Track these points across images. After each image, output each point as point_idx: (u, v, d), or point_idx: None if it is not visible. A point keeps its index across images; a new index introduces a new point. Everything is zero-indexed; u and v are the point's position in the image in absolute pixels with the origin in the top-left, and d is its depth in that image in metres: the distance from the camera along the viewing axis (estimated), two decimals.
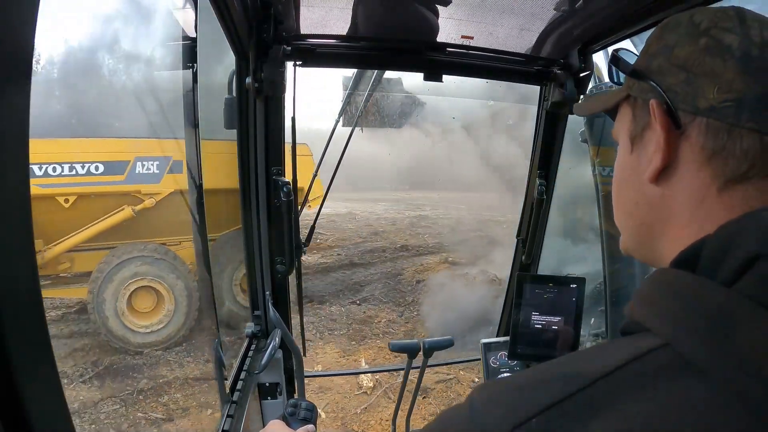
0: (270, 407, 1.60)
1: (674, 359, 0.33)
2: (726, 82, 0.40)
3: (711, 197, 0.42)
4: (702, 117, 0.42)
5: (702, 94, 0.42)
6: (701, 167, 0.42)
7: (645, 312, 0.37)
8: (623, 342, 0.37)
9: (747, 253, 0.33)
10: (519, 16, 1.28)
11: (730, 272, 0.34)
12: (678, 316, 0.34)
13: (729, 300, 0.32)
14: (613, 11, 1.21)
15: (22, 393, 0.34)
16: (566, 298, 1.52)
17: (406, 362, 1.65)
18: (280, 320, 1.50)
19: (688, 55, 0.43)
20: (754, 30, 0.41)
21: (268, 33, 1.23)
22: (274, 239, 1.50)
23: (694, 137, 0.42)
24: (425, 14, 1.25)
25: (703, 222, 0.42)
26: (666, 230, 0.46)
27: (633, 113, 0.48)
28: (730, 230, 0.37)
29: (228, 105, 1.38)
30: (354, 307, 7.81)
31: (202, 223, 1.16)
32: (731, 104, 0.40)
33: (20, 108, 0.34)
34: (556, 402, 0.33)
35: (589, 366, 0.35)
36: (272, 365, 1.52)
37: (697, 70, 0.42)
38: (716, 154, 0.41)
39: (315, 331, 6.94)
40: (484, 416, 0.36)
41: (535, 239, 1.76)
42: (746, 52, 0.40)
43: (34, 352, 0.37)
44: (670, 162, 0.44)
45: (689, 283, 0.35)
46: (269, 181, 1.45)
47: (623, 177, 0.51)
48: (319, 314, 7.54)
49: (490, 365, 1.68)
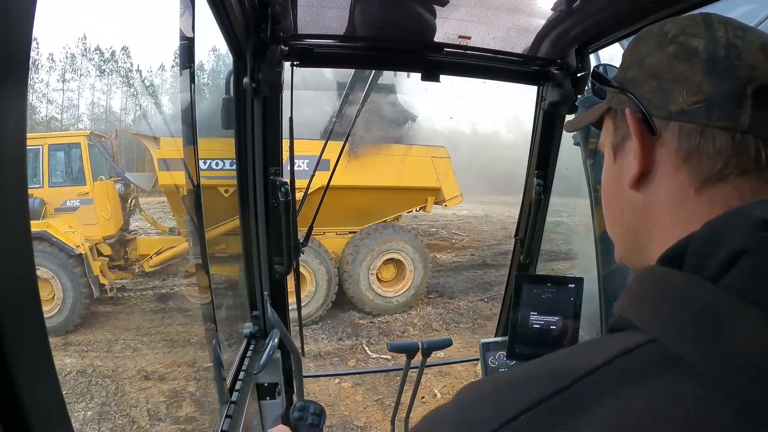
0: (269, 407, 1.60)
1: (662, 355, 0.33)
2: (694, 85, 0.42)
3: (690, 198, 0.43)
4: (675, 121, 0.43)
5: (673, 98, 0.43)
6: (677, 170, 0.44)
7: (633, 309, 0.38)
8: (611, 339, 0.37)
9: (732, 248, 0.33)
10: (516, 16, 1.28)
11: (716, 268, 0.34)
12: (665, 313, 0.34)
13: (716, 296, 0.32)
14: (610, 12, 1.21)
15: (21, 393, 0.34)
16: (565, 298, 1.52)
17: (405, 362, 1.65)
18: (279, 320, 1.50)
19: (658, 63, 0.45)
20: (719, 32, 0.43)
21: (265, 33, 1.23)
22: (273, 239, 1.50)
23: (668, 141, 0.44)
24: (423, 14, 1.26)
25: (686, 223, 0.43)
26: (651, 235, 0.47)
27: (614, 125, 0.50)
28: (715, 226, 0.37)
29: (226, 105, 1.38)
30: (481, 304, 8.33)
31: (200, 222, 1.16)
32: (701, 105, 0.42)
33: (17, 108, 0.34)
34: (543, 398, 0.33)
35: (576, 362, 0.35)
36: (271, 365, 1.52)
37: (667, 76, 0.44)
38: (691, 156, 0.42)
39: (441, 322, 7.66)
40: (472, 414, 0.35)
41: (534, 239, 1.76)
42: (712, 54, 0.42)
43: (33, 351, 0.37)
44: (649, 167, 0.46)
45: (676, 279, 0.36)
46: (267, 182, 1.45)
47: (608, 187, 0.52)
48: (448, 308, 8.18)
49: (488, 365, 1.68)
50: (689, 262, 0.36)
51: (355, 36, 1.37)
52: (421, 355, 1.65)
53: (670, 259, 0.38)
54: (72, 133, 9.22)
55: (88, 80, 30.10)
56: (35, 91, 28.74)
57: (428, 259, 8.29)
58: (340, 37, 1.38)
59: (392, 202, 8.00)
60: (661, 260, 0.39)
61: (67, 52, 29.69)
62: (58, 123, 28.84)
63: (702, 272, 0.35)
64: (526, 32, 1.37)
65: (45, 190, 7.29)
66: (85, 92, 30.48)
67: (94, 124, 29.74)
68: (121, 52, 29.61)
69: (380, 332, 7.26)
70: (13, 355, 0.33)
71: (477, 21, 1.30)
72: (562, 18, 1.28)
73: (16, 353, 0.34)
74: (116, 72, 30.60)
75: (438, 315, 7.90)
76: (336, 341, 6.89)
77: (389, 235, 7.81)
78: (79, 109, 30.69)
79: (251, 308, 1.60)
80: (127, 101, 30.95)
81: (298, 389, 1.61)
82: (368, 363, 6.19)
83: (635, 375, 0.32)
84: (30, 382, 0.36)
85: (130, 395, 5.48)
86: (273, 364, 1.55)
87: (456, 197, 8.31)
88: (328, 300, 7.38)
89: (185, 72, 1.03)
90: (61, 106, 30.01)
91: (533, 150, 1.72)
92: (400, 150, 7.88)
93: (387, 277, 7.95)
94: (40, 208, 7.19)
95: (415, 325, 7.59)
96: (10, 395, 0.34)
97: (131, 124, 19.02)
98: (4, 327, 0.33)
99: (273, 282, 1.55)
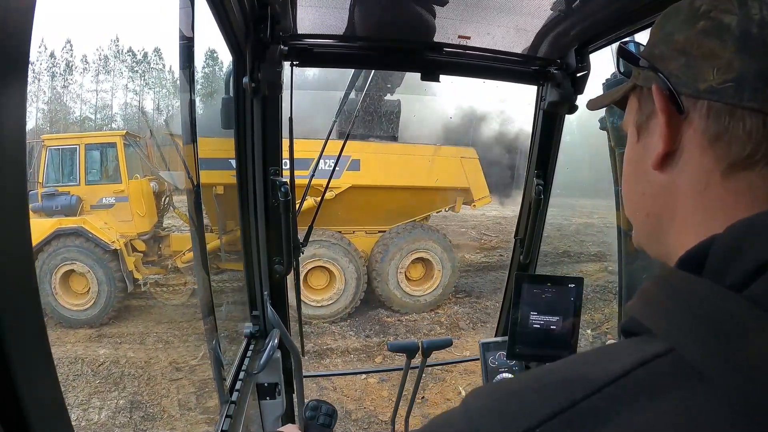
0: (269, 407, 1.60)
1: (680, 366, 0.31)
2: (725, 63, 0.40)
3: (715, 183, 0.41)
4: (703, 100, 0.41)
5: (702, 76, 0.41)
6: (704, 151, 0.41)
7: (650, 314, 0.36)
8: (627, 345, 0.36)
9: (758, 258, 0.32)
10: (516, 16, 1.28)
11: (739, 277, 0.32)
12: (684, 321, 0.33)
13: (738, 307, 0.31)
14: (610, 11, 1.21)
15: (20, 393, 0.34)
16: (564, 298, 1.52)
17: (405, 362, 1.65)
18: (279, 320, 1.50)
19: (686, 39, 0.43)
20: (754, 9, 0.40)
21: (265, 33, 1.23)
22: (273, 239, 1.50)
23: (696, 121, 0.42)
24: (422, 14, 1.26)
25: (709, 212, 0.41)
26: (673, 221, 0.45)
27: (639, 103, 0.48)
28: (740, 231, 0.35)
29: (225, 105, 1.38)
30: None
31: (200, 222, 1.16)
32: (731, 84, 0.39)
33: (17, 108, 0.34)
34: (559, 411, 0.31)
35: (592, 371, 0.33)
36: (271, 365, 1.52)
37: (696, 53, 0.42)
38: (719, 137, 0.40)
39: (468, 321, 7.84)
40: (482, 422, 0.34)
41: (534, 239, 1.76)
42: (745, 31, 0.39)
43: (32, 352, 0.37)
44: (674, 147, 0.43)
45: (697, 286, 0.34)
46: (267, 182, 1.45)
47: (630, 168, 0.50)
48: (475, 307, 8.35)
49: (488, 365, 1.68)
50: (710, 268, 0.35)
51: (354, 36, 1.37)
52: (422, 355, 1.65)
53: (691, 262, 0.36)
54: (108, 132, 9.57)
55: (120, 81, 31.11)
56: (69, 92, 30.18)
57: (456, 259, 8.35)
58: (340, 36, 1.38)
59: (421, 202, 8.11)
60: (681, 263, 0.37)
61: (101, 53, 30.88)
62: (92, 123, 30.08)
63: (723, 280, 0.33)
64: (525, 32, 1.37)
65: (81, 187, 7.59)
66: (117, 93, 31.44)
67: (126, 123, 30.56)
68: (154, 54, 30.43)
69: (407, 330, 7.40)
70: (12, 355, 0.33)
71: (476, 21, 1.30)
72: (561, 18, 1.28)
73: (16, 353, 0.34)
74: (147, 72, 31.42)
75: (465, 314, 8.01)
76: (363, 338, 7.09)
77: (418, 235, 7.91)
78: (112, 109, 31.64)
79: (251, 308, 1.60)
80: (160, 101, 31.76)
81: (298, 389, 1.61)
82: (394, 360, 6.21)
83: (654, 388, 0.31)
84: (30, 382, 0.36)
85: (162, 385, 5.59)
86: (273, 364, 1.55)
87: (484, 197, 8.43)
88: (356, 298, 7.55)
89: (185, 72, 1.03)
90: (95, 107, 31.02)
91: (533, 150, 1.72)
92: (428, 150, 7.99)
93: (415, 276, 8.07)
94: (76, 205, 7.46)
95: (442, 323, 7.68)
96: (10, 395, 0.34)
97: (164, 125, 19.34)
98: (4, 327, 0.33)
99: (273, 282, 1.55)
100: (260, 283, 1.55)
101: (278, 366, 1.59)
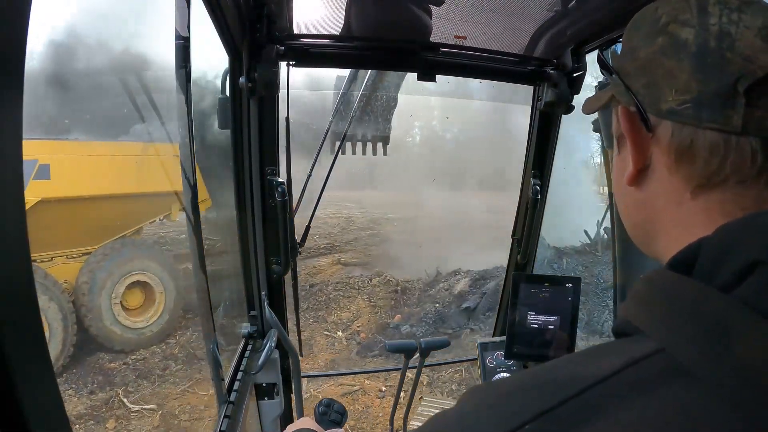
0: (267, 407, 1.60)
1: (670, 366, 0.32)
2: (683, 84, 0.40)
3: (686, 201, 0.41)
4: (666, 120, 0.41)
5: (663, 97, 0.41)
6: (672, 171, 0.42)
7: (641, 314, 0.36)
8: (617, 345, 0.36)
9: (747, 259, 0.32)
10: (512, 16, 1.28)
11: (728, 278, 0.33)
12: (674, 322, 0.33)
13: (728, 307, 0.31)
14: (606, 11, 1.21)
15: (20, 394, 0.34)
16: (562, 298, 1.53)
17: (403, 362, 1.65)
18: (277, 321, 1.50)
19: (647, 58, 0.43)
20: (713, 18, 0.40)
21: (261, 33, 1.23)
22: (270, 240, 1.49)
23: (662, 140, 0.42)
24: (418, 14, 1.26)
25: (687, 226, 0.41)
26: (657, 231, 0.45)
27: (617, 113, 0.48)
28: (730, 233, 0.35)
29: (222, 105, 1.38)
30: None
31: (197, 223, 1.16)
32: (689, 105, 0.39)
33: (13, 108, 0.34)
34: (548, 408, 0.32)
35: (582, 371, 0.34)
36: (269, 365, 1.52)
37: (656, 73, 0.42)
38: (684, 156, 0.40)
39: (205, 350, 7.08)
40: (474, 422, 0.35)
41: (530, 239, 1.76)
42: (702, 46, 0.39)
43: (31, 352, 0.37)
44: (645, 164, 0.44)
45: (687, 287, 0.34)
46: (264, 182, 1.44)
47: (616, 179, 0.50)
48: None
49: (486, 365, 1.68)
50: (700, 269, 0.35)
51: (351, 36, 1.37)
52: (419, 355, 1.65)
53: (680, 263, 0.37)
54: None
55: None
56: None
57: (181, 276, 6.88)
58: (336, 36, 1.38)
59: (131, 213, 6.61)
60: (670, 264, 0.37)
61: None
62: None
63: (713, 281, 0.33)
64: (521, 32, 1.38)
65: None
66: None
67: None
68: None
69: (138, 375, 5.83)
70: (12, 356, 0.33)
71: (473, 21, 1.31)
72: (557, 18, 1.28)
73: (16, 354, 0.34)
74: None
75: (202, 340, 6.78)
76: (87, 395, 5.40)
77: (130, 254, 6.42)
78: None
79: (249, 308, 1.60)
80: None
81: (297, 389, 1.61)
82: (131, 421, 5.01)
83: (643, 387, 0.31)
84: (29, 383, 0.35)
85: None
86: (271, 364, 1.54)
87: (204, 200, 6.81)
88: (67, 345, 5.73)
89: (181, 72, 1.02)
90: None
91: (529, 150, 1.73)
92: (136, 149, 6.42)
93: (134, 305, 6.52)
94: None
95: (176, 357, 6.24)
96: (10, 396, 0.34)
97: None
98: (4, 328, 0.33)
99: (270, 282, 1.55)
100: (258, 283, 1.55)
101: (276, 366, 1.59)
